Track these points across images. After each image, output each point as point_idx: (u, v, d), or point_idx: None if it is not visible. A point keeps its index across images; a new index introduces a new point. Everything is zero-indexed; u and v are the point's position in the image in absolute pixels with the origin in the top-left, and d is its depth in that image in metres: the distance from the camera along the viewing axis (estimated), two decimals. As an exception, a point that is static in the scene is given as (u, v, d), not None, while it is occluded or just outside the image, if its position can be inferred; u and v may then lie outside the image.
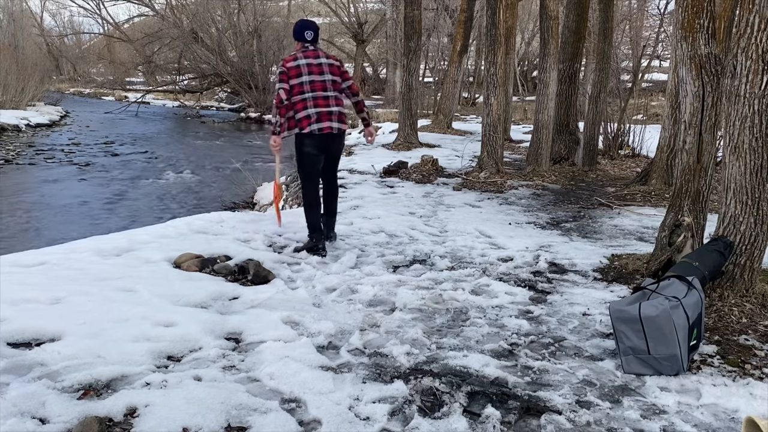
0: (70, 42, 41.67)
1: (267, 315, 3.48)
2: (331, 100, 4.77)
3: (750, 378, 2.89)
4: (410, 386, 2.76)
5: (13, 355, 2.79)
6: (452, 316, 3.68)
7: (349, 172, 8.81)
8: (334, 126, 4.75)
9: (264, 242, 4.98)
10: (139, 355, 2.87)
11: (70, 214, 9.00)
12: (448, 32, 20.88)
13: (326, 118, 4.73)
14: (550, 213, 6.75)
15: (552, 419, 2.54)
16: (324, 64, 4.81)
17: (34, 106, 21.79)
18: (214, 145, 16.98)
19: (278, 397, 2.62)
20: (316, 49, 4.86)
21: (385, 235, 5.45)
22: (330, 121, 4.73)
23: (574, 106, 9.71)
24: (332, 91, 4.80)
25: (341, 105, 4.86)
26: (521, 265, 4.69)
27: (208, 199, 10.41)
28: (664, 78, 18.46)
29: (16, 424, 2.26)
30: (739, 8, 3.59)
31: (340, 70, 4.89)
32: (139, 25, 31.88)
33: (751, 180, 3.54)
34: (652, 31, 18.57)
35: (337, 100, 4.82)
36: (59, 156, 13.91)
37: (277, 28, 27.95)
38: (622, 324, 2.98)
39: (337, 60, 4.94)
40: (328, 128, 4.73)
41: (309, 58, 4.78)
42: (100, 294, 3.55)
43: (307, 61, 4.77)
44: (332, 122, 4.74)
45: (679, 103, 4.59)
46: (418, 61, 12.01)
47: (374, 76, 31.93)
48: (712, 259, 3.56)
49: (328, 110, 4.74)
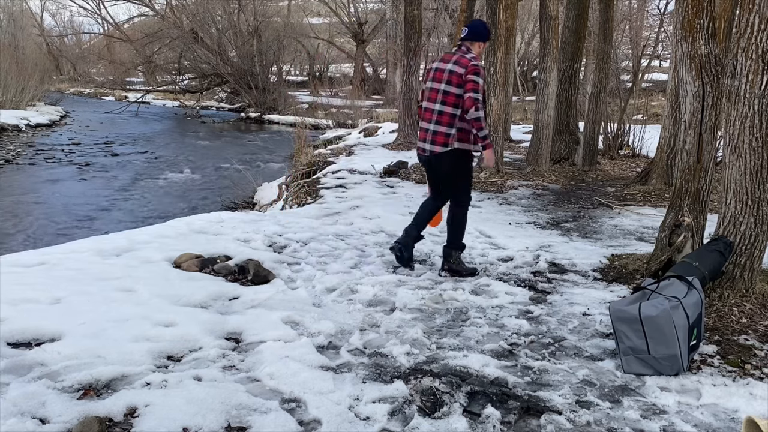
0: (70, 42, 41.66)
1: (267, 315, 3.48)
2: (434, 116, 4.23)
3: (750, 378, 2.89)
4: (410, 386, 2.76)
5: (13, 355, 2.79)
6: (452, 316, 3.68)
7: (349, 172, 8.81)
8: (426, 147, 4.29)
9: (264, 242, 4.97)
10: (139, 355, 2.87)
11: (70, 214, 9.00)
12: (448, 32, 20.87)
13: (422, 137, 4.34)
14: (550, 213, 6.75)
15: (552, 419, 2.54)
16: (446, 71, 4.21)
17: (34, 106, 21.79)
18: (214, 145, 16.98)
19: (278, 397, 2.62)
20: (457, 52, 4.28)
21: (385, 235, 5.44)
22: (423, 142, 4.32)
23: (574, 106, 9.71)
24: (440, 104, 4.20)
25: (443, 123, 4.19)
26: (521, 265, 4.69)
27: (208, 199, 10.41)
28: (664, 78, 18.46)
29: (16, 424, 2.26)
30: (739, 8, 3.59)
31: (462, 79, 4.12)
32: (139, 25, 31.87)
33: (751, 180, 3.54)
34: (652, 31, 18.57)
35: (441, 116, 4.20)
36: (59, 156, 13.91)
37: (277, 28, 27.96)
38: (622, 324, 2.98)
39: (466, 66, 4.12)
40: (421, 149, 4.36)
41: (440, 62, 4.31)
42: (100, 294, 3.55)
43: (436, 66, 4.33)
44: (425, 143, 4.30)
45: (679, 103, 4.60)
46: (418, 61, 12.01)
47: (374, 76, 31.93)
48: (712, 259, 3.56)
49: (425, 127, 4.30)
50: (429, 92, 4.30)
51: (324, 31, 33.62)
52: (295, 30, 30.92)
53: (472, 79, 4.07)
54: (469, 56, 4.19)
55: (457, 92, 4.15)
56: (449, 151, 4.22)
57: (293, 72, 36.95)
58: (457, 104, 4.16)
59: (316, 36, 32.59)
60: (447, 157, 4.25)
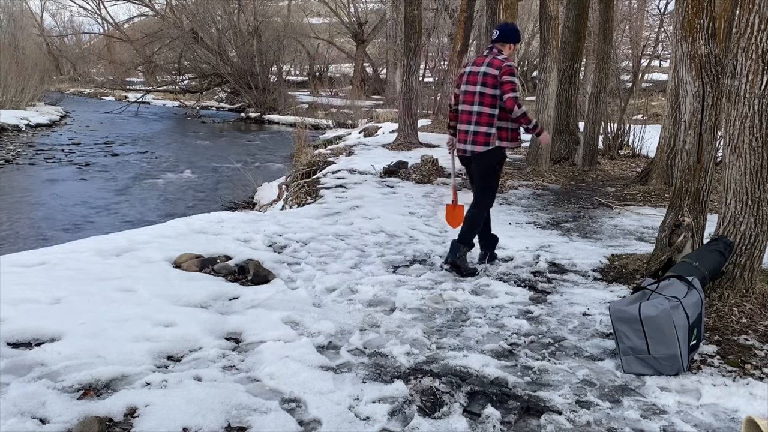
0: (70, 42, 41.68)
1: (267, 315, 3.48)
2: (473, 117, 4.34)
3: (750, 378, 2.89)
4: (410, 386, 2.76)
5: (13, 355, 2.79)
6: (452, 316, 3.68)
7: (349, 172, 8.81)
8: (467, 149, 4.40)
9: (264, 242, 4.97)
10: (139, 355, 2.87)
11: (70, 214, 9.00)
12: (448, 32, 20.87)
13: (462, 138, 4.44)
14: (550, 213, 6.75)
15: (552, 419, 2.54)
16: (480, 74, 4.31)
17: (34, 106, 21.79)
18: (214, 145, 16.98)
19: (278, 397, 2.62)
20: (488, 54, 4.39)
21: (385, 235, 5.45)
22: (464, 143, 4.42)
23: (574, 106, 9.71)
24: (478, 105, 4.31)
25: (483, 123, 4.31)
26: (521, 265, 4.69)
27: (208, 199, 10.42)
28: (664, 78, 18.45)
29: (16, 424, 2.26)
30: (739, 8, 3.59)
31: (498, 80, 4.23)
32: (139, 25, 31.88)
33: (751, 180, 3.54)
34: (652, 31, 18.56)
35: (480, 117, 4.31)
36: (59, 156, 13.91)
37: (277, 28, 27.95)
38: (622, 324, 2.98)
39: (500, 68, 4.23)
40: (462, 151, 4.48)
41: (473, 66, 4.42)
42: (100, 294, 3.55)
43: (470, 69, 4.43)
44: (465, 144, 4.41)
45: (679, 103, 4.60)
46: (418, 61, 12.00)
47: (374, 76, 31.93)
48: (712, 259, 3.56)
49: (465, 129, 4.41)
50: (464, 95, 4.42)
51: (324, 31, 33.61)
52: (295, 30, 30.91)
53: (508, 80, 4.21)
54: (501, 57, 4.32)
55: (493, 93, 4.27)
56: (491, 150, 4.36)
57: (293, 72, 36.96)
58: (494, 104, 4.28)
59: (316, 36, 32.60)
60: (488, 156, 4.39)
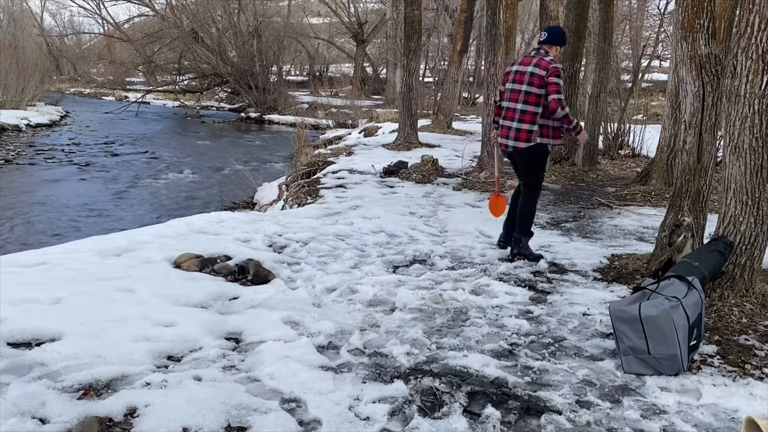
0: (70, 42, 41.69)
1: (267, 315, 3.48)
2: (517, 114, 4.57)
3: (750, 378, 2.89)
4: (410, 386, 2.76)
5: (13, 355, 2.79)
6: (452, 316, 3.68)
7: (349, 172, 8.81)
8: (510, 144, 4.64)
9: (264, 242, 4.97)
10: (139, 355, 2.87)
11: (70, 214, 9.00)
12: (448, 32, 20.88)
13: (504, 134, 4.70)
14: (550, 213, 6.74)
15: (552, 419, 2.54)
16: (527, 74, 4.53)
17: (35, 106, 21.80)
18: (214, 145, 16.98)
19: (278, 397, 2.62)
20: (536, 55, 4.58)
21: (385, 235, 5.45)
22: (506, 138, 4.67)
23: (574, 106, 9.69)
24: (522, 103, 4.53)
25: (525, 120, 4.53)
26: (521, 265, 4.68)
27: (209, 199, 10.42)
28: (664, 78, 18.46)
29: (16, 424, 2.26)
30: (739, 8, 3.59)
31: (544, 81, 4.43)
32: (139, 25, 31.88)
33: (751, 180, 3.54)
34: (652, 31, 18.56)
35: (524, 114, 4.53)
36: (59, 156, 13.92)
37: (277, 28, 27.95)
38: (622, 324, 2.98)
39: (547, 69, 4.43)
40: (504, 145, 4.73)
41: (520, 65, 4.63)
42: (100, 294, 3.55)
43: (516, 68, 4.65)
44: (508, 139, 4.66)
45: (679, 103, 4.60)
46: (418, 61, 11.99)
47: (374, 76, 31.93)
48: (712, 259, 3.56)
49: (507, 125, 4.65)
50: (510, 93, 4.63)
51: (324, 31, 33.61)
52: (295, 30, 30.92)
53: (554, 81, 4.41)
54: (548, 59, 4.50)
55: (538, 92, 4.47)
56: (532, 146, 4.58)
57: (293, 72, 36.96)
58: (539, 103, 4.49)
59: (316, 36, 32.60)
60: (530, 152, 4.61)
